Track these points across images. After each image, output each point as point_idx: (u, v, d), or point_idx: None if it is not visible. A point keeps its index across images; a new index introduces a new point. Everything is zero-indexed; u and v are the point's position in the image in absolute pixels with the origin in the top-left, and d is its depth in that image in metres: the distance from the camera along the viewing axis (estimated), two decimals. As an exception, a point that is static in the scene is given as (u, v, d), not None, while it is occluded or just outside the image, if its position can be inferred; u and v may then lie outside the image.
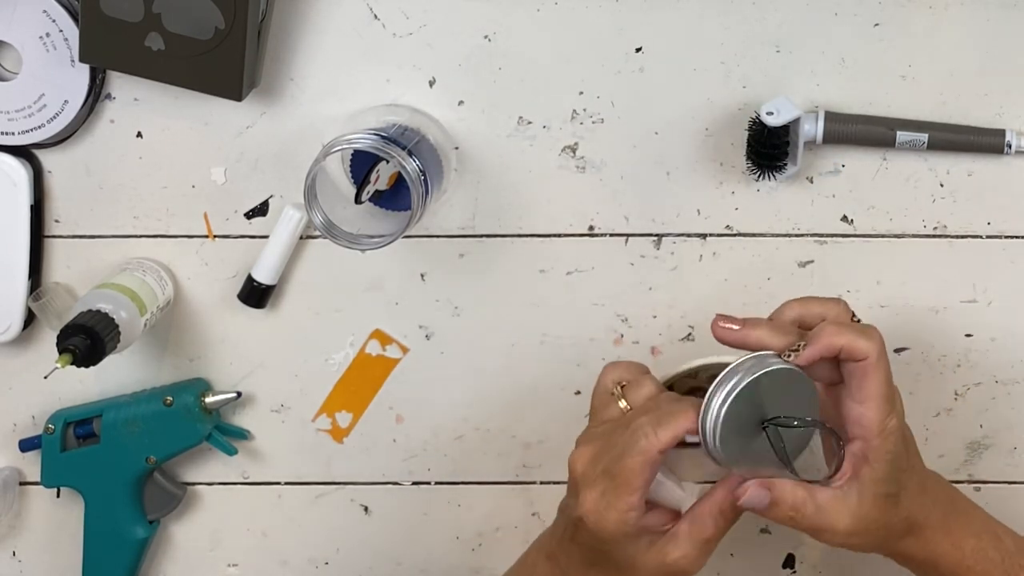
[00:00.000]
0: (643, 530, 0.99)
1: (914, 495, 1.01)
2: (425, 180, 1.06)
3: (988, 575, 1.03)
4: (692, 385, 1.11)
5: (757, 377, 0.96)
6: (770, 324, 1.00)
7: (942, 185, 1.14)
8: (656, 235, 1.15)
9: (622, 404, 1.01)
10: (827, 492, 0.99)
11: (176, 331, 1.17)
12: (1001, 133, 1.12)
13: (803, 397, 0.98)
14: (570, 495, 1.01)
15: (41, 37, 1.10)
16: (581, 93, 1.13)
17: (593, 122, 1.13)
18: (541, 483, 1.20)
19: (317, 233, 1.11)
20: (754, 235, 1.15)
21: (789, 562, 1.21)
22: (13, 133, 1.12)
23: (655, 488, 1.00)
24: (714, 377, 0.99)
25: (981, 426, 1.18)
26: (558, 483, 1.18)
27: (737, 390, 0.96)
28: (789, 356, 0.97)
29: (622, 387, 1.02)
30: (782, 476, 0.99)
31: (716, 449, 0.97)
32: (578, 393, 1.17)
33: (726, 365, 0.99)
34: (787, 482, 0.98)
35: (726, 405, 0.96)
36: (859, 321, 1.01)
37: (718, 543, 1.00)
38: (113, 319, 1.07)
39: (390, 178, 1.11)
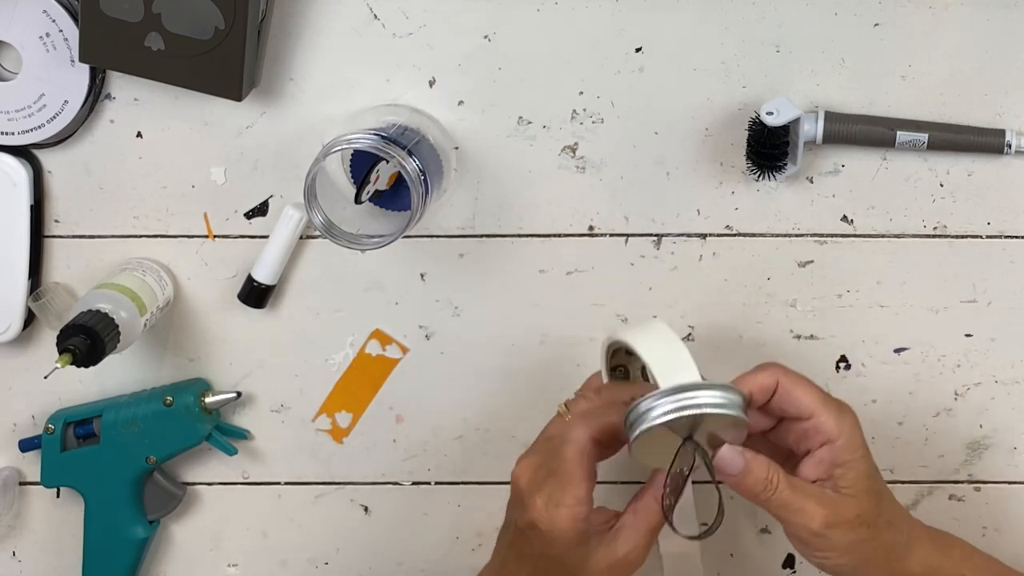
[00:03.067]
0: (590, 530, 1.00)
1: (891, 499, 1.02)
2: (425, 180, 1.06)
3: None
4: (615, 363, 1.09)
5: (708, 414, 0.97)
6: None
7: (942, 185, 1.14)
8: (656, 235, 1.15)
9: (565, 415, 1.03)
10: (803, 480, 0.99)
11: (176, 331, 1.17)
12: (1001, 133, 1.12)
13: (734, 437, 0.99)
14: (515, 507, 1.01)
15: (41, 37, 1.10)
16: (581, 93, 1.13)
17: (593, 122, 1.13)
18: (541, 483, 1.20)
19: (317, 233, 1.11)
20: (754, 235, 1.15)
21: (789, 562, 1.21)
22: (13, 133, 1.12)
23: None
24: (624, 351, 1.02)
25: (981, 426, 1.18)
26: (558, 483, 1.18)
27: (684, 414, 0.97)
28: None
29: (567, 404, 1.04)
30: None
31: (633, 437, 0.98)
32: (578, 393, 1.17)
33: (621, 343, 1.01)
34: (761, 455, 0.98)
35: (664, 420, 0.97)
36: None
37: (661, 529, 1.01)
38: (113, 319, 1.07)
39: (390, 178, 1.11)
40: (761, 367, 1.01)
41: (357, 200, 1.10)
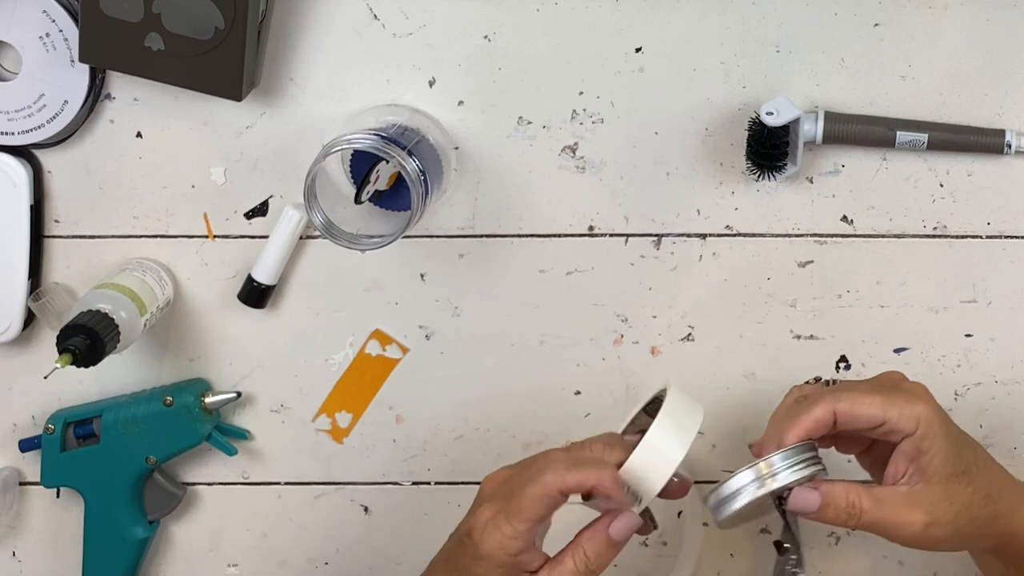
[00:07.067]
0: (518, 566, 0.98)
1: (985, 466, 1.01)
2: (425, 180, 1.07)
3: None
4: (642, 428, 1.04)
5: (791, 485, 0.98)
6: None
7: (942, 185, 1.14)
8: (656, 235, 1.15)
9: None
10: (887, 488, 0.98)
11: (176, 331, 1.17)
12: (1001, 133, 1.12)
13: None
14: (468, 513, 1.00)
15: (41, 37, 1.10)
16: (581, 93, 1.13)
17: (593, 122, 1.13)
18: (541, 483, 1.20)
19: (317, 233, 1.11)
20: (754, 235, 1.15)
21: (789, 562, 1.21)
22: (13, 133, 1.12)
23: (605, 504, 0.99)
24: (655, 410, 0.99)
25: (981, 426, 1.18)
26: (558, 483, 1.18)
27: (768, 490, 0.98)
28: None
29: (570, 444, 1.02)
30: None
31: (722, 516, 0.99)
32: (578, 393, 1.17)
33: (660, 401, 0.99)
34: (837, 481, 0.98)
35: (743, 505, 0.98)
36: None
37: None
38: (113, 319, 1.07)
39: (390, 178, 1.11)
40: (810, 402, 1.00)
41: (357, 200, 1.10)
